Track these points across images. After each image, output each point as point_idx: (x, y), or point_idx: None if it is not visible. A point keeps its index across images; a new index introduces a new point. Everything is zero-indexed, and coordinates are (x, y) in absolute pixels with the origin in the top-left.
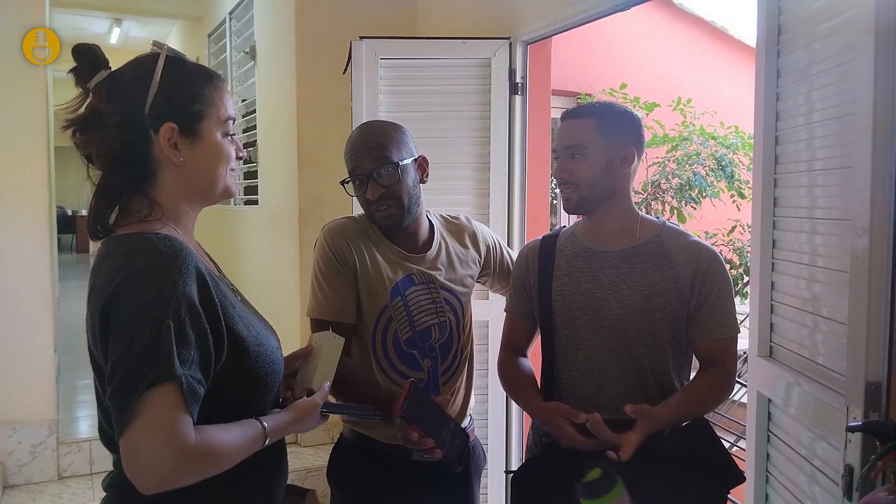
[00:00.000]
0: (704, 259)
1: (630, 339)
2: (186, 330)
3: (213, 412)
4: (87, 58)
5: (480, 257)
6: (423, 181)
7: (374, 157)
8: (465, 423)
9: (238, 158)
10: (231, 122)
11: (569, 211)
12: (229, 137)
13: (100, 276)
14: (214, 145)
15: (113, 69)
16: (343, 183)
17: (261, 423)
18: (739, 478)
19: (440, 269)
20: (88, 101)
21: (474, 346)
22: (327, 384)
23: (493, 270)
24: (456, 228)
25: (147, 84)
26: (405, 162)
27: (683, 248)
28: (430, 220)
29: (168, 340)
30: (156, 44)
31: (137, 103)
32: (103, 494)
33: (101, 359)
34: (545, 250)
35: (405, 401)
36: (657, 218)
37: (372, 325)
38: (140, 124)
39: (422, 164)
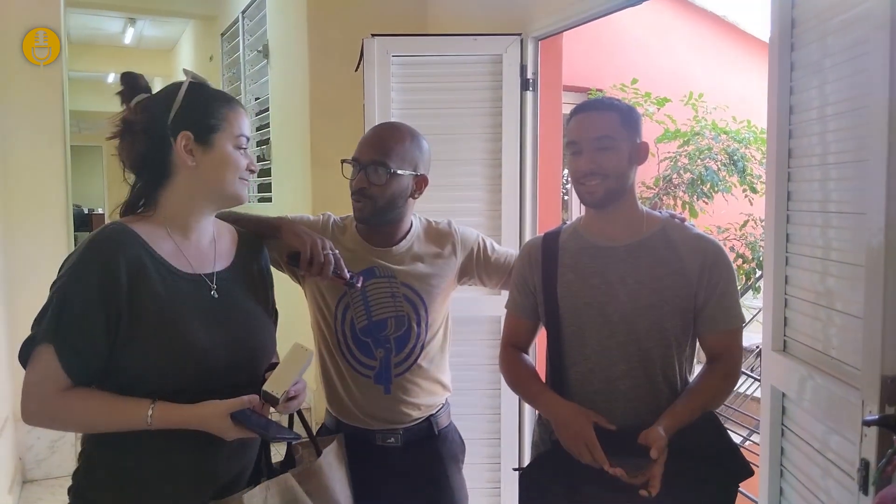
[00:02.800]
0: (711, 251)
1: (639, 334)
2: (72, 304)
3: (124, 384)
4: (130, 83)
5: (457, 261)
6: (413, 196)
7: (375, 154)
8: (432, 412)
9: (250, 171)
10: (243, 138)
11: (594, 205)
12: (242, 151)
13: None
14: (225, 154)
15: (152, 92)
16: (343, 161)
17: (151, 403)
18: (748, 471)
19: (404, 266)
20: (128, 115)
21: (479, 342)
22: (249, 398)
23: (477, 272)
24: (435, 233)
25: (172, 101)
26: (400, 172)
27: (689, 241)
28: (412, 223)
29: (53, 310)
30: (185, 71)
31: (162, 115)
32: None
33: None
34: (548, 247)
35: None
36: (660, 212)
37: (333, 310)
38: (162, 132)
39: (419, 183)
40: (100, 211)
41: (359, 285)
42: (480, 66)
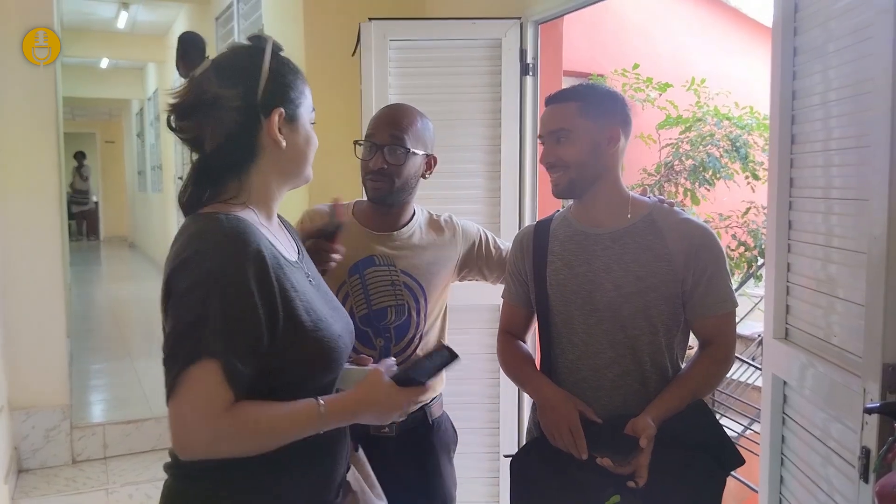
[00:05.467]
0: (697, 236)
1: (624, 321)
2: (233, 310)
3: (270, 389)
4: (194, 45)
5: (457, 253)
6: (424, 177)
7: (393, 134)
8: (425, 402)
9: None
10: (314, 112)
11: (558, 195)
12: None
13: (172, 249)
14: (308, 132)
15: (211, 57)
16: (356, 143)
17: (317, 401)
18: (738, 460)
19: (405, 254)
20: (199, 87)
21: (478, 331)
22: (391, 360)
23: (478, 265)
24: (437, 225)
25: (258, 72)
26: (415, 152)
27: (675, 226)
28: (414, 211)
29: (214, 318)
30: (258, 34)
31: (250, 89)
32: (118, 478)
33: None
34: (539, 235)
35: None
36: (649, 197)
37: None
38: (253, 109)
39: (429, 163)
40: (94, 199)
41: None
42: (479, 50)
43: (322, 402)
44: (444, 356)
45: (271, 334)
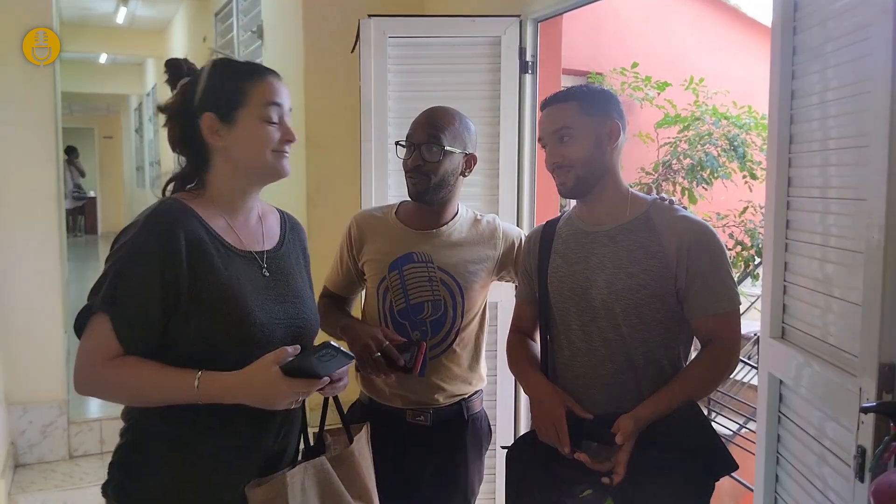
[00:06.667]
0: (691, 233)
1: (617, 319)
2: (126, 276)
3: (185, 357)
4: (172, 69)
5: (497, 253)
6: (463, 174)
7: (429, 133)
8: (463, 397)
9: (286, 141)
10: (272, 108)
11: (565, 195)
12: (272, 123)
13: None
14: (250, 129)
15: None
16: (397, 143)
17: (196, 373)
18: (729, 465)
19: (443, 251)
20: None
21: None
22: (292, 347)
23: (514, 267)
24: (478, 225)
25: (197, 82)
26: (452, 150)
27: (670, 224)
28: (458, 210)
29: (111, 281)
30: (212, 50)
31: (189, 98)
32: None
33: None
34: (546, 234)
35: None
36: (649, 195)
37: (376, 294)
38: (190, 115)
39: (469, 161)
40: (92, 194)
41: (417, 371)
42: (479, 48)
43: (199, 375)
44: (337, 356)
45: (173, 303)
